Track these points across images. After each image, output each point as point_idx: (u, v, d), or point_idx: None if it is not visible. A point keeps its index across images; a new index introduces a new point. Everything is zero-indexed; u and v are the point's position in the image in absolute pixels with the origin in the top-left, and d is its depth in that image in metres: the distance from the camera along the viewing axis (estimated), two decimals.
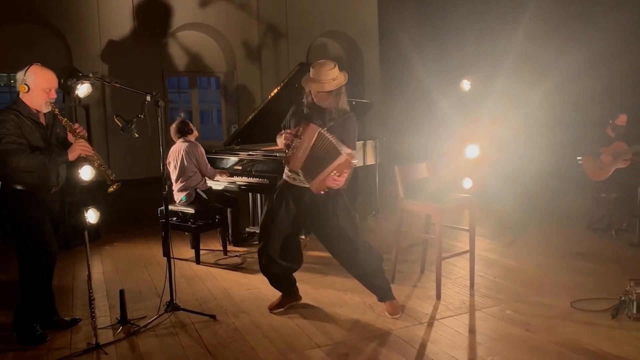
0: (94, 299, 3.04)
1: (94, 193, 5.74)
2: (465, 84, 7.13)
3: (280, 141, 3.18)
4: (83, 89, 4.04)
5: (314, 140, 2.98)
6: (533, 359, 2.71)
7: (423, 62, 9.94)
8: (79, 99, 5.41)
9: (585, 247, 4.73)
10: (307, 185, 3.12)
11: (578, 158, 5.33)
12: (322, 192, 3.09)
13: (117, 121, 3.07)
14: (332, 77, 3.10)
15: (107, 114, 9.28)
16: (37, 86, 2.95)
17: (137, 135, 3.08)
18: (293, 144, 3.04)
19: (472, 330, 3.09)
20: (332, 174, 2.99)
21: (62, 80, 3.24)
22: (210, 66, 11.04)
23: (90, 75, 3.00)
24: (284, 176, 3.30)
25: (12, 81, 10.31)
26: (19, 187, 2.95)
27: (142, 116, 3.07)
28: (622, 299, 3.25)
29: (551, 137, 7.50)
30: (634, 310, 3.14)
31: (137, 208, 7.00)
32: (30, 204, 2.98)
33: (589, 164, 5.25)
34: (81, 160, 3.18)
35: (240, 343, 2.99)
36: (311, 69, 3.16)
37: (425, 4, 10.41)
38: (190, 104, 11.13)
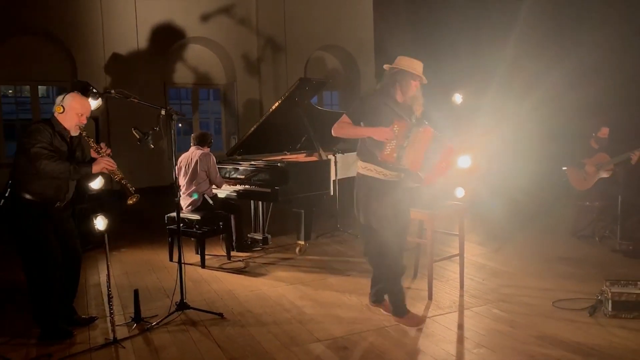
0: (112, 297, 3.29)
1: (101, 201, 6.01)
2: (457, 98, 7.45)
3: (380, 133, 3.14)
4: (94, 103, 4.33)
5: (428, 143, 3.09)
6: (515, 350, 2.98)
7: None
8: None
9: (569, 252, 5.01)
10: (395, 180, 3.26)
11: (563, 168, 5.63)
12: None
13: (135, 133, 3.34)
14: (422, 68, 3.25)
15: (111, 125, 9.54)
16: (72, 110, 3.26)
17: (153, 146, 3.35)
18: (400, 142, 3.09)
19: (460, 327, 3.35)
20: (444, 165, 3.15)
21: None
22: (211, 78, 11.34)
23: (112, 91, 3.27)
24: (367, 172, 3.30)
25: (9, 92, 10.57)
26: (26, 197, 3.20)
27: (157, 128, 3.35)
28: (599, 298, 3.53)
29: (539, 149, 7.81)
30: (609, 308, 3.41)
31: (142, 216, 7.23)
32: (37, 213, 3.22)
33: (573, 174, 5.55)
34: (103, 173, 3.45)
35: (247, 338, 3.24)
36: (405, 62, 3.24)
37: (419, 20, 10.76)
38: (191, 115, 11.41)
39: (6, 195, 3.17)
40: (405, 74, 3.23)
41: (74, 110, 3.27)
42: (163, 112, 3.38)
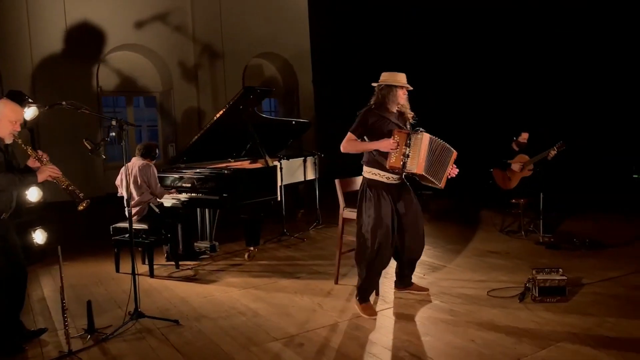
0: (67, 309, 3.27)
1: (39, 214, 5.81)
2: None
3: (384, 145, 3.52)
4: (29, 112, 4.25)
5: (427, 146, 3.50)
6: (457, 336, 3.27)
7: (355, 81, 10.64)
8: (25, 122, 5.49)
9: (498, 247, 5.44)
10: (398, 182, 3.69)
11: (490, 170, 6.10)
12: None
13: (86, 144, 3.34)
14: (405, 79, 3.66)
15: (40, 136, 9.15)
16: (5, 117, 3.18)
17: (105, 157, 3.36)
18: (402, 151, 3.47)
19: (407, 319, 3.61)
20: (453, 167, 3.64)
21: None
22: (146, 86, 11.14)
23: (63, 103, 3.25)
24: (373, 176, 3.68)
25: None
26: None
27: (108, 139, 3.36)
28: (527, 285, 3.92)
29: (466, 151, 8.38)
30: (536, 294, 3.80)
31: (80, 228, 7.03)
32: None
33: (498, 175, 6.03)
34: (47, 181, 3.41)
35: (205, 341, 3.32)
36: (388, 77, 3.64)
37: (354, 25, 11.15)
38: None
39: None
40: (391, 87, 3.62)
41: (7, 118, 3.17)
42: (114, 122, 3.40)
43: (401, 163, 3.51)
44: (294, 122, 6.69)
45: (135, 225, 4.95)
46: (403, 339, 3.27)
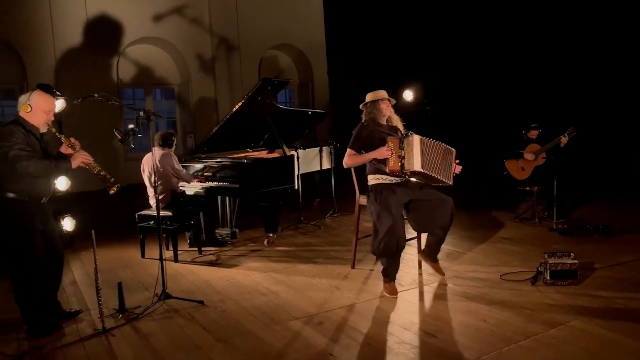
0: (100, 288, 3.48)
1: (67, 203, 6.05)
2: (408, 94, 7.91)
3: (381, 153, 3.82)
4: (58, 105, 4.45)
5: (419, 145, 3.77)
6: (469, 316, 3.41)
7: (370, 71, 10.73)
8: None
9: (512, 233, 5.55)
10: (398, 181, 3.94)
11: (504, 160, 6.17)
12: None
13: (116, 134, 3.53)
14: (386, 94, 4.06)
15: (64, 127, 9.41)
16: (39, 107, 3.38)
17: (134, 146, 3.54)
18: (398, 154, 3.75)
19: (420, 300, 3.76)
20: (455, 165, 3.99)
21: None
22: (164, 78, 11.36)
23: (95, 95, 3.44)
24: (377, 180, 3.98)
25: None
26: (11, 196, 3.34)
27: (137, 129, 3.54)
28: (539, 269, 4.03)
29: (480, 142, 8.45)
30: (548, 277, 3.91)
31: (104, 216, 7.30)
32: (23, 213, 3.37)
33: (512, 165, 6.11)
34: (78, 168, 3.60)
35: (229, 320, 3.51)
36: (370, 95, 4.06)
37: (369, 17, 11.20)
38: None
39: None
40: (374, 103, 4.03)
41: (41, 108, 3.37)
42: (142, 113, 3.58)
43: (399, 165, 3.78)
44: (309, 113, 6.84)
45: (161, 213, 5.15)
46: (417, 318, 3.42)
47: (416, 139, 3.81)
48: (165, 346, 3.17)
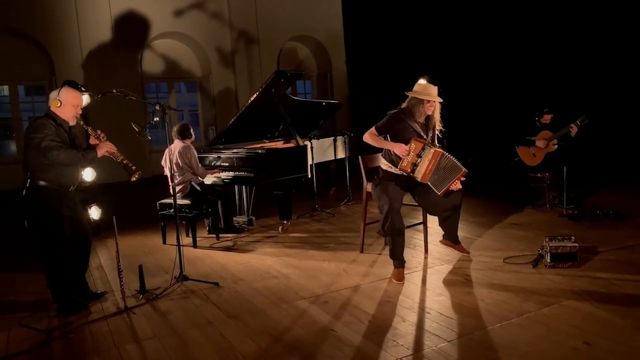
0: (122, 271, 3.76)
1: (95, 193, 6.38)
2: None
3: (399, 150, 3.92)
4: (84, 99, 4.72)
5: (438, 159, 3.86)
6: (469, 296, 3.56)
7: (388, 61, 10.82)
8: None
9: (522, 219, 5.64)
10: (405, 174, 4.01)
11: (515, 147, 6.24)
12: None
13: (134, 126, 3.78)
14: (437, 92, 3.97)
15: (90, 122, 9.80)
16: (68, 102, 3.67)
17: (150, 138, 3.79)
18: (413, 160, 3.88)
19: (424, 281, 3.93)
20: (455, 182, 3.91)
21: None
22: (187, 71, 11.68)
23: (114, 90, 3.70)
24: (387, 168, 4.10)
25: None
26: (42, 184, 3.62)
27: (153, 122, 3.79)
28: (540, 252, 4.15)
29: (492, 128, 8.50)
30: (549, 260, 4.03)
31: (128, 206, 7.65)
32: (52, 199, 3.66)
33: (523, 152, 6.17)
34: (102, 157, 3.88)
35: (241, 300, 3.75)
36: (419, 89, 3.97)
37: (388, 7, 11.26)
38: None
39: (27, 185, 3.59)
40: (420, 100, 3.93)
41: (70, 103, 3.66)
42: (157, 107, 3.82)
43: (409, 169, 3.93)
44: (324, 104, 7.01)
45: (180, 201, 5.43)
46: (418, 298, 3.59)
47: (437, 153, 3.87)
48: (181, 322, 3.42)
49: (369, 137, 4.08)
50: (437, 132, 4.15)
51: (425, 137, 4.03)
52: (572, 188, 5.91)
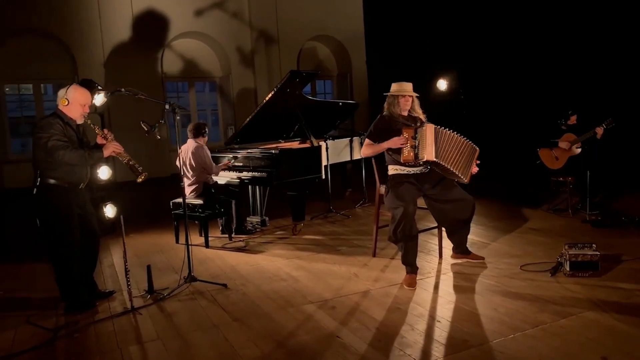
0: (129, 271, 3.74)
1: (110, 191, 6.42)
2: (442, 84, 7.85)
3: (394, 142, 3.93)
4: (99, 99, 4.72)
5: (432, 134, 3.85)
6: (481, 304, 3.43)
7: (408, 60, 10.67)
8: (95, 107, 6.08)
9: (542, 224, 5.46)
10: (418, 172, 4.02)
11: (537, 149, 6.04)
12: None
13: (143, 125, 3.76)
14: (411, 87, 4.12)
15: (112, 120, 9.92)
16: (75, 101, 3.65)
17: (160, 137, 3.76)
18: (411, 144, 3.86)
19: (436, 288, 3.81)
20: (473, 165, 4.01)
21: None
22: (207, 71, 11.71)
23: (122, 89, 3.68)
24: (394, 171, 4.08)
25: (6, 89, 10.90)
26: (52, 182, 3.62)
27: (162, 121, 3.76)
28: (559, 260, 3.98)
29: (514, 130, 8.28)
30: (568, 268, 3.86)
31: (145, 204, 7.69)
32: (62, 197, 3.65)
33: (545, 154, 5.97)
34: (109, 158, 3.87)
35: (248, 303, 3.69)
36: (395, 87, 4.14)
37: (408, 7, 11.10)
38: (189, 107, 11.82)
39: (37, 184, 3.59)
40: (395, 97, 4.11)
41: (78, 101, 3.65)
42: (167, 107, 3.79)
43: (413, 155, 3.89)
44: (340, 104, 6.92)
45: (193, 201, 5.42)
46: (429, 305, 3.48)
47: (430, 128, 3.88)
48: (185, 324, 3.38)
49: (365, 149, 4.17)
50: (422, 119, 4.17)
51: (412, 124, 4.07)
52: (596, 193, 5.70)
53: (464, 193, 4.08)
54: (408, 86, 4.14)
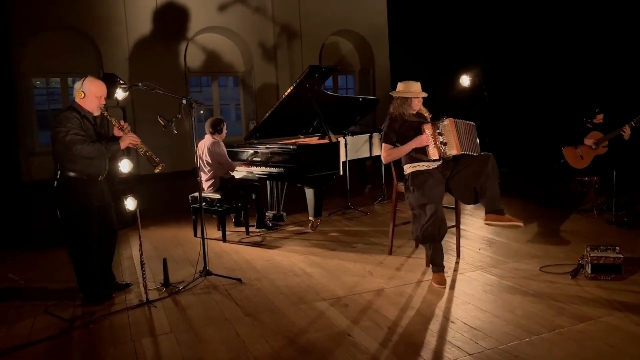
0: (144, 264, 3.77)
1: (130, 184, 6.51)
2: (465, 80, 7.71)
3: (420, 141, 3.89)
4: (121, 93, 4.78)
5: (455, 126, 3.85)
6: (498, 306, 3.36)
7: (431, 56, 10.53)
8: (117, 102, 6.17)
9: (566, 225, 5.32)
10: (435, 166, 3.95)
11: (561, 148, 5.88)
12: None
13: (159, 120, 3.78)
14: (420, 87, 4.10)
15: (136, 114, 10.04)
16: (91, 93, 3.69)
17: (177, 132, 3.78)
18: (438, 140, 3.83)
19: (452, 288, 3.74)
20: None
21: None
22: (230, 66, 11.75)
23: (139, 84, 3.71)
24: (413, 169, 3.96)
25: (36, 83, 11.11)
26: (72, 175, 3.66)
27: (179, 116, 3.78)
28: (580, 262, 3.87)
29: (538, 128, 8.08)
30: (589, 271, 3.75)
31: (166, 198, 7.78)
32: (81, 190, 3.70)
33: (570, 153, 5.81)
34: (125, 151, 3.91)
35: (261, 298, 3.69)
36: (403, 87, 4.09)
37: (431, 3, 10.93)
38: (211, 101, 11.91)
39: (57, 177, 3.65)
40: (406, 99, 4.04)
41: (94, 94, 3.68)
42: (184, 102, 3.80)
43: (440, 152, 3.86)
44: (360, 99, 6.86)
45: (210, 195, 5.45)
46: (443, 305, 3.42)
47: (451, 122, 3.86)
48: (198, 318, 3.40)
49: (386, 154, 4.08)
50: (428, 116, 4.17)
51: (426, 121, 4.05)
52: (623, 193, 5.52)
53: (479, 155, 3.98)
54: (417, 86, 4.09)
